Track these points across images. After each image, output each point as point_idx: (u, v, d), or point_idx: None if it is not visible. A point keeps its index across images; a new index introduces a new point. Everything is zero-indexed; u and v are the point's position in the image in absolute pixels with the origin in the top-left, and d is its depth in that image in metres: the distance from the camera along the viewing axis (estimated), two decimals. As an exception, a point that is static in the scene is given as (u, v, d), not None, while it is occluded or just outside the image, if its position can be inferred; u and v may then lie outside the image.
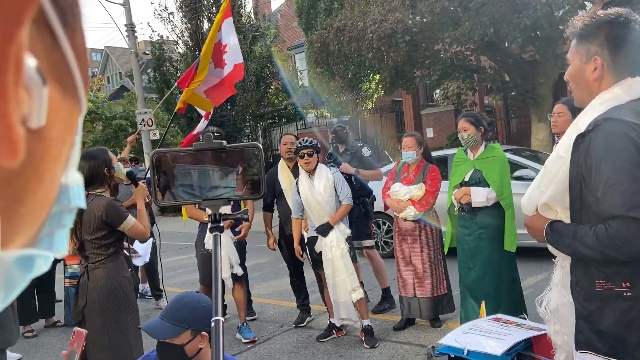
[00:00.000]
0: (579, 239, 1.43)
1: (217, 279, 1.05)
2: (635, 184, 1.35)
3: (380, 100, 18.33)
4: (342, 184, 4.30)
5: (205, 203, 1.07)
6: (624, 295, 1.39)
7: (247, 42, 17.28)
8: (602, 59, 1.53)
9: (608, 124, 1.42)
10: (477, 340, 2.27)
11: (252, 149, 1.06)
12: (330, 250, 4.16)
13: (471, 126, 3.74)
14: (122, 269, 3.09)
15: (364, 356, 4.06)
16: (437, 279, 4.33)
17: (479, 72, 11.31)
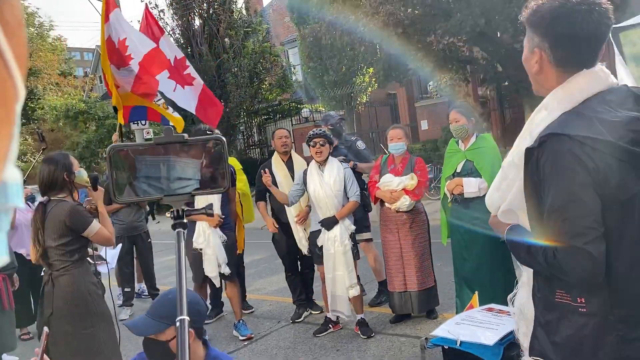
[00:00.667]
0: (531, 254, 1.37)
1: (182, 277, 1.01)
2: (579, 209, 1.26)
3: (375, 93, 18.30)
4: (353, 181, 4.27)
5: (167, 199, 1.03)
6: (579, 311, 1.33)
7: (240, 38, 17.21)
8: (541, 52, 1.41)
9: (553, 140, 1.29)
10: (470, 331, 2.26)
11: (215, 141, 1.04)
12: (333, 244, 4.14)
13: (462, 117, 3.73)
14: (88, 274, 3.02)
15: (361, 349, 4.06)
16: (426, 271, 4.34)
17: (472, 63, 11.31)
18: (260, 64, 17.65)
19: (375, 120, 18.61)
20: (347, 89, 16.49)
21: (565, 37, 1.36)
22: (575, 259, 1.26)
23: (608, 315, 1.30)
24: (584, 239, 1.25)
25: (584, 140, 1.26)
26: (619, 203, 1.27)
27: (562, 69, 1.39)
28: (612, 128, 1.27)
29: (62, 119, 21.09)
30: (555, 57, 1.39)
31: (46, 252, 2.93)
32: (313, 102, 19.42)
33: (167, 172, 1.03)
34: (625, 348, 1.29)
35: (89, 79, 30.46)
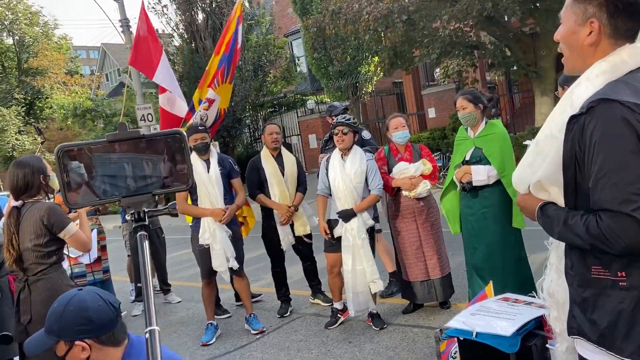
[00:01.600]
0: (569, 226, 1.35)
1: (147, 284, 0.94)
2: (629, 176, 1.24)
3: (381, 82, 18.16)
4: (375, 173, 4.14)
5: (126, 200, 0.97)
6: (619, 285, 1.32)
7: (243, 31, 17.12)
8: (599, 22, 1.38)
9: (604, 106, 1.28)
10: (486, 322, 2.21)
11: (174, 136, 0.97)
12: (352, 237, 4.06)
13: (469, 104, 3.64)
14: (64, 277, 2.95)
15: (373, 341, 4.02)
16: (445, 257, 4.31)
17: (479, 48, 11.14)
18: (265, 56, 17.57)
19: (381, 109, 18.48)
20: (352, 79, 16.38)
21: (629, 5, 1.35)
22: (622, 226, 1.23)
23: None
24: (632, 205, 1.23)
25: (635, 107, 1.25)
26: None
27: (614, 41, 1.39)
28: None
29: (70, 117, 21.19)
30: (614, 27, 1.38)
31: (21, 256, 2.86)
32: (318, 94, 19.33)
33: (125, 171, 0.96)
34: None
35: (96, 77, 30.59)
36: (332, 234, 4.21)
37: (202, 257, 4.47)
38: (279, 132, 4.96)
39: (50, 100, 26.60)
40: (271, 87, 18.79)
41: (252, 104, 18.29)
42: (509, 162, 3.57)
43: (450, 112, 13.92)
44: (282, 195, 4.79)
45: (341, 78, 16.42)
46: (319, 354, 3.96)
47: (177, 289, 6.42)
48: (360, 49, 15.88)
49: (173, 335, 4.98)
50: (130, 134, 0.94)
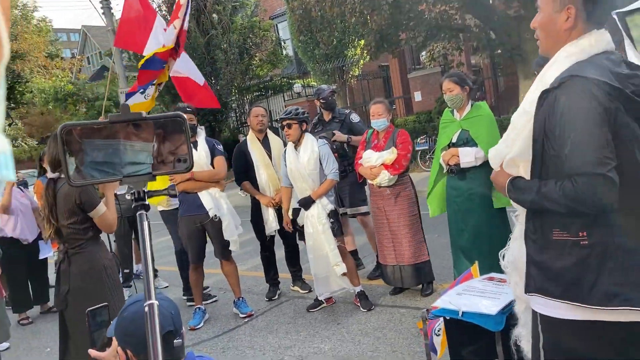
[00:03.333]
0: (542, 193, 1.47)
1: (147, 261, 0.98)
2: (599, 140, 1.39)
3: (367, 66, 18.07)
4: (329, 158, 4.20)
5: (126, 180, 0.99)
6: (581, 244, 1.45)
7: (228, 13, 16.88)
8: (576, 9, 1.51)
9: (573, 81, 1.43)
10: (472, 301, 2.25)
11: (175, 118, 0.99)
12: (312, 224, 4.13)
13: (456, 86, 3.66)
14: (103, 251, 3.08)
15: (361, 322, 4.08)
16: (418, 245, 4.28)
17: (465, 31, 11.13)
18: (250, 39, 17.37)
19: (368, 93, 18.43)
20: (338, 62, 16.28)
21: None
22: (598, 186, 1.37)
23: (608, 244, 1.43)
24: (606, 167, 1.38)
25: (599, 83, 1.40)
26: (623, 142, 1.42)
27: (587, 25, 1.53)
28: (619, 78, 1.43)
29: (51, 101, 20.80)
30: (588, 13, 1.51)
31: (59, 229, 2.96)
32: (305, 77, 19.20)
33: (126, 151, 0.98)
34: (626, 274, 1.41)
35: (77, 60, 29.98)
36: (297, 223, 4.30)
37: (195, 238, 4.43)
38: (264, 114, 4.92)
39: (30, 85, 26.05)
40: (257, 71, 18.61)
41: (238, 88, 18.12)
42: (495, 143, 3.59)
43: (437, 95, 13.94)
44: (271, 178, 4.78)
45: (327, 61, 16.31)
46: (307, 336, 4.01)
47: (163, 274, 6.41)
48: (347, 32, 15.75)
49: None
50: (132, 116, 0.96)
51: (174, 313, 1.57)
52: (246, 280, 5.75)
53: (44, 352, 4.62)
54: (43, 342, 4.87)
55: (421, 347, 3.33)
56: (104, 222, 2.98)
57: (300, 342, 3.91)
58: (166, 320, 1.52)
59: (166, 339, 1.50)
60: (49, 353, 4.53)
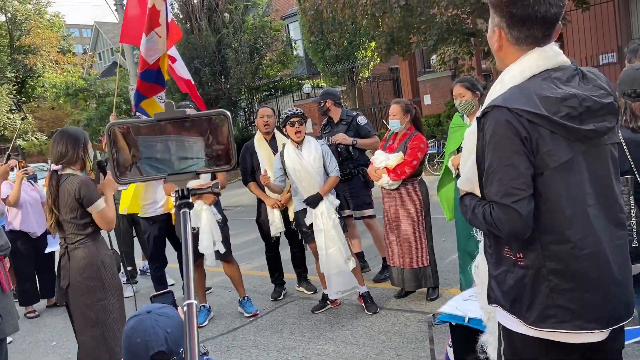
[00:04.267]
0: (475, 214, 1.55)
1: (188, 259, 0.97)
2: (511, 172, 1.44)
3: (377, 68, 18.06)
4: (331, 156, 4.29)
5: (171, 178, 0.98)
6: (519, 264, 1.52)
7: (239, 12, 16.93)
8: (500, 30, 1.55)
9: (495, 112, 1.47)
10: (479, 307, 2.24)
11: (219, 116, 0.98)
12: (322, 220, 4.14)
13: (467, 91, 3.64)
14: (103, 247, 3.10)
15: (366, 324, 4.07)
16: (417, 250, 4.23)
17: (476, 36, 11.08)
18: (261, 39, 17.40)
19: (377, 95, 18.42)
20: (349, 64, 16.28)
21: (520, 18, 1.49)
22: (506, 215, 1.45)
23: (541, 268, 1.48)
24: (513, 198, 1.44)
25: (521, 112, 1.43)
26: (550, 169, 1.45)
27: (518, 47, 1.54)
28: (549, 103, 1.44)
29: (62, 96, 20.95)
30: (512, 36, 1.53)
31: (61, 223, 3.02)
32: (314, 78, 19.22)
33: (170, 150, 0.98)
34: (557, 297, 1.47)
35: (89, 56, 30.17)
36: (304, 224, 4.28)
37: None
38: (270, 115, 4.89)
39: (42, 79, 26.26)
40: (267, 71, 18.64)
41: (248, 87, 18.16)
42: None
43: (446, 99, 13.90)
44: None
45: (338, 63, 16.32)
46: (311, 337, 4.01)
47: (170, 271, 6.43)
48: (358, 33, 15.76)
49: (166, 317, 5.01)
50: (176, 114, 0.95)
51: (170, 332, 1.50)
52: (252, 279, 5.77)
53: (49, 346, 4.65)
54: (49, 336, 4.91)
55: (426, 351, 3.33)
56: (102, 219, 3.00)
57: (304, 343, 3.91)
58: (157, 340, 1.46)
59: (159, 357, 1.45)
60: (54, 347, 4.56)
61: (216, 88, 16.67)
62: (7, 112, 25.50)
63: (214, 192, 1.13)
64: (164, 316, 1.52)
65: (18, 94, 27.29)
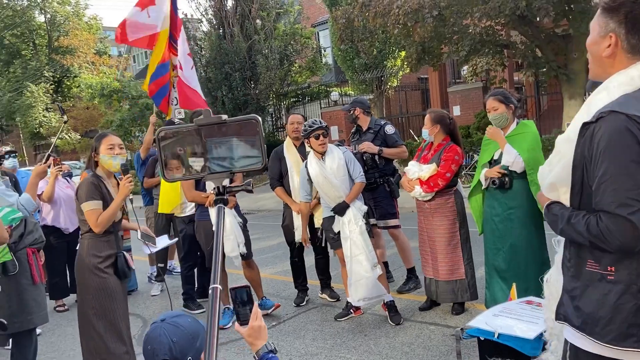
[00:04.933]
0: (572, 224, 1.49)
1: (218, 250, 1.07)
2: (628, 182, 1.38)
3: (406, 77, 17.99)
4: (354, 162, 4.27)
5: (209, 177, 1.08)
6: (607, 278, 1.45)
7: (271, 19, 17.12)
8: (617, 37, 1.49)
9: (612, 117, 1.40)
10: (509, 323, 2.20)
11: (251, 121, 1.06)
12: (349, 228, 4.13)
13: (501, 105, 3.59)
14: (93, 247, 3.14)
15: (389, 335, 4.04)
16: (453, 262, 4.16)
17: (510, 48, 10.96)
18: (291, 45, 17.55)
19: (405, 104, 18.33)
20: (377, 73, 16.27)
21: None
22: (617, 227, 1.37)
23: (632, 284, 1.42)
24: (629, 209, 1.36)
25: (639, 120, 1.37)
26: None
27: (631, 56, 1.49)
28: None
29: (97, 97, 21.49)
30: (630, 44, 1.48)
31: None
32: (342, 85, 19.26)
33: (209, 151, 1.07)
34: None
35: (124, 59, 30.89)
36: (331, 231, 4.28)
37: (209, 244, 4.53)
38: (300, 122, 4.93)
39: (78, 79, 27.00)
40: (296, 77, 18.77)
41: (276, 93, 18.31)
42: (538, 159, 3.52)
43: (476, 110, 13.74)
44: None
45: (366, 71, 16.32)
46: (334, 345, 3.99)
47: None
48: (388, 42, 15.74)
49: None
50: (214, 120, 1.05)
51: (176, 341, 1.53)
52: (275, 283, 5.79)
53: (77, 340, 4.75)
54: (77, 330, 5.00)
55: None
56: (89, 219, 3.09)
57: (327, 350, 3.90)
58: (162, 349, 1.50)
59: None
60: (81, 341, 4.65)
61: (245, 93, 16.86)
62: (44, 110, 26.29)
63: (247, 189, 1.23)
64: (173, 325, 1.56)
65: (55, 93, 28.13)
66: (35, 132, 26.88)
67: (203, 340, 1.57)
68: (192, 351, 1.54)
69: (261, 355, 1.60)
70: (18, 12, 28.64)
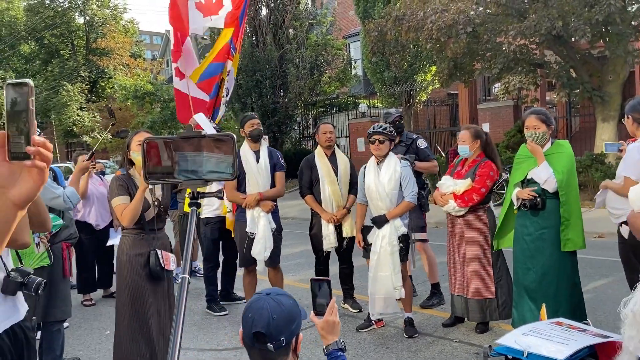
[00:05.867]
0: None
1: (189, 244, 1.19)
2: None
3: (435, 92, 17.94)
4: (409, 180, 4.17)
5: (185, 183, 1.22)
6: None
7: (304, 29, 17.32)
8: None
9: None
10: (538, 343, 2.18)
11: (226, 137, 1.21)
12: (380, 243, 4.11)
13: (542, 124, 3.58)
14: (128, 245, 3.21)
15: (411, 350, 4.02)
16: (483, 281, 4.11)
17: (543, 67, 10.85)
18: (322, 56, 17.70)
19: (433, 119, 18.26)
20: (407, 86, 16.27)
21: None
22: None
23: None
24: None
25: None
26: None
27: None
28: None
29: (130, 98, 22.00)
30: None
31: None
32: (371, 98, 19.30)
33: (187, 160, 1.22)
34: None
35: (157, 63, 31.56)
36: (366, 240, 4.27)
37: (243, 245, 4.60)
38: (332, 131, 5.00)
39: (112, 81, 27.70)
40: (325, 87, 18.90)
41: (305, 102, 18.46)
42: (570, 180, 3.49)
43: (506, 128, 13.60)
44: (334, 194, 4.83)
45: (396, 84, 16.34)
46: (355, 355, 3.99)
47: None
48: (419, 57, 15.75)
49: (213, 319, 5.12)
50: (195, 134, 1.21)
51: (276, 318, 1.57)
52: (297, 291, 5.81)
53: (103, 334, 4.86)
54: (103, 324, 5.13)
55: (474, 383, 3.24)
56: (116, 213, 3.22)
57: (348, 361, 3.90)
58: (261, 321, 1.56)
59: (257, 337, 1.56)
60: (107, 336, 4.75)
61: (274, 101, 17.05)
62: (78, 109, 27.00)
63: (218, 197, 1.42)
64: (277, 302, 1.61)
65: (89, 92, 28.90)
66: (68, 130, 27.61)
67: (298, 325, 1.62)
68: (287, 332, 1.58)
69: (331, 350, 1.64)
70: (59, 13, 29.59)
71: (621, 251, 3.37)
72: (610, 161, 9.60)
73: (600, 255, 6.23)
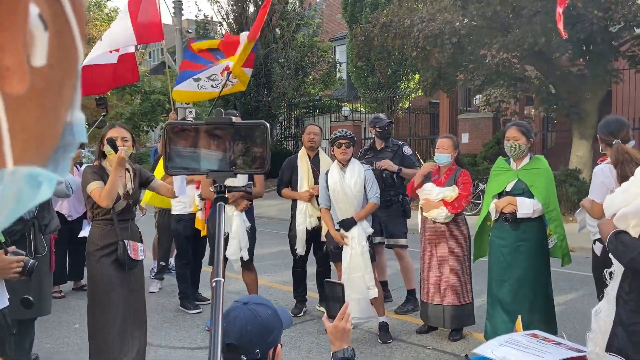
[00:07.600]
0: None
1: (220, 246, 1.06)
2: None
3: (417, 100, 18.10)
4: (373, 183, 4.27)
5: (212, 174, 1.09)
6: None
7: (291, 29, 17.29)
8: None
9: None
10: (515, 354, 2.21)
11: (259, 126, 1.09)
12: (351, 245, 4.15)
13: (523, 136, 3.65)
14: (94, 236, 3.19)
15: (385, 355, 4.03)
16: (463, 287, 4.21)
17: (524, 82, 11.05)
18: (308, 57, 17.71)
19: (414, 127, 18.42)
20: (390, 93, 16.38)
21: None
22: None
23: None
24: None
25: None
26: None
27: None
28: None
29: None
30: None
31: None
32: (354, 102, 19.38)
33: (214, 150, 1.09)
34: None
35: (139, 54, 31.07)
36: (334, 243, 4.30)
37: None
38: (317, 133, 4.99)
39: (92, 69, 27.16)
40: (309, 89, 18.90)
41: (288, 103, 18.43)
42: (553, 198, 3.57)
43: (484, 140, 13.79)
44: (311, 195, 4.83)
45: (379, 90, 16.44)
46: (329, 358, 3.98)
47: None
48: (403, 64, 15.88)
49: (187, 317, 5.05)
50: (223, 120, 1.07)
51: (250, 330, 1.50)
52: (273, 292, 5.79)
53: (72, 328, 4.75)
54: (72, 317, 5.01)
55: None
56: (94, 197, 3.12)
57: (321, 364, 3.89)
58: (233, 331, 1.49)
59: (230, 348, 1.49)
60: (77, 329, 4.65)
61: (257, 99, 16.98)
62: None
63: (247, 191, 1.23)
64: (253, 313, 1.53)
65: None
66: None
67: (275, 337, 1.55)
68: (262, 345, 1.51)
69: (337, 358, 1.59)
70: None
71: (594, 268, 3.44)
72: (584, 177, 9.83)
73: (571, 269, 6.36)
